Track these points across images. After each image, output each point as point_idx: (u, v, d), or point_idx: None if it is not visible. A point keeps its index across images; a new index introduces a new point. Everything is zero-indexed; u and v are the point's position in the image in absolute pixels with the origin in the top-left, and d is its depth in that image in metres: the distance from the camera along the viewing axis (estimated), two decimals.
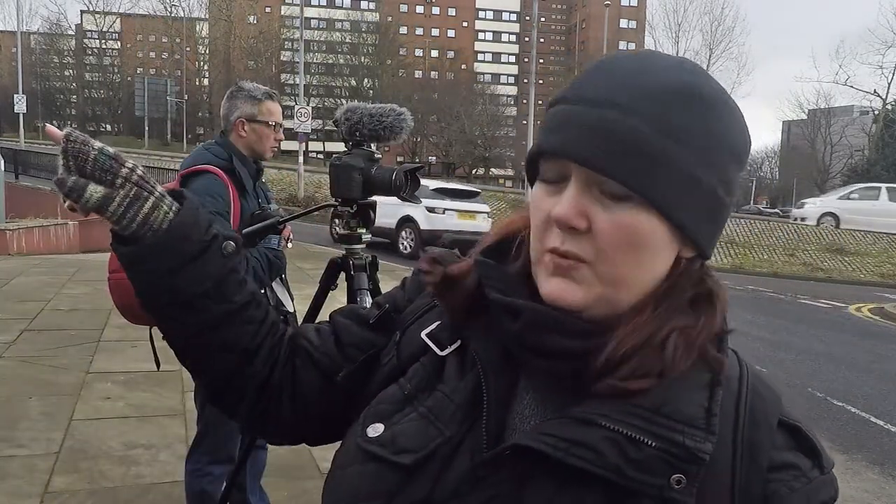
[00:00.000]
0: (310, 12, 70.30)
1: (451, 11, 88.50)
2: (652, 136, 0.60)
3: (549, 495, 0.61)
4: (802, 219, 25.53)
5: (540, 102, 58.31)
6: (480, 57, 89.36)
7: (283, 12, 75.10)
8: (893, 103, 52.90)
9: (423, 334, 0.76)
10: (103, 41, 74.16)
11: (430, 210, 12.99)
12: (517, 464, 0.62)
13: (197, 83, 71.22)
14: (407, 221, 13.34)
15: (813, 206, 26.08)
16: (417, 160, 55.21)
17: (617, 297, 0.65)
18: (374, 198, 2.14)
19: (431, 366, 0.74)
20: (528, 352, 0.66)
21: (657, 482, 0.60)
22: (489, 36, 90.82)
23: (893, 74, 54.07)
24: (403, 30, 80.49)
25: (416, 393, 0.72)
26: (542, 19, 75.86)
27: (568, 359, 0.65)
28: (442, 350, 0.74)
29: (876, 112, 56.96)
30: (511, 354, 0.69)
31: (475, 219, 13.44)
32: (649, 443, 0.60)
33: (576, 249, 0.63)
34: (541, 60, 71.51)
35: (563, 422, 0.63)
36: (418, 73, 76.54)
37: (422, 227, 13.10)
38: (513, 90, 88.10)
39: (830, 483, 0.68)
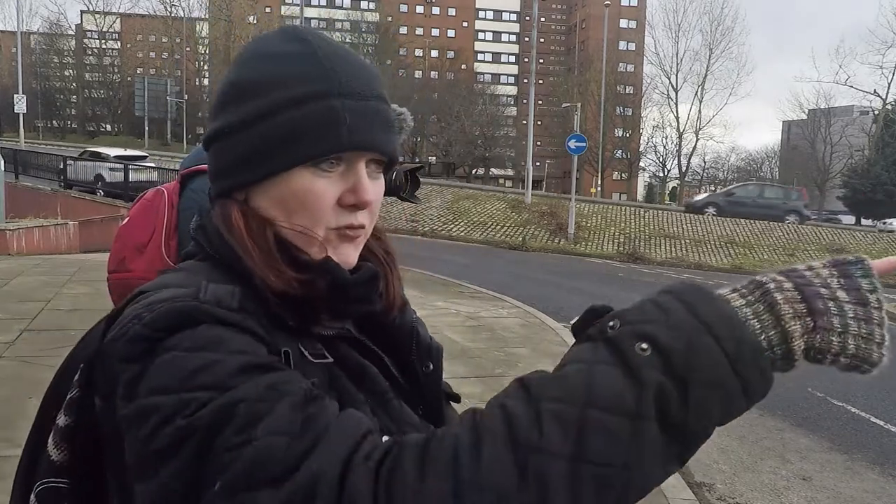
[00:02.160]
0: (310, 12, 70.36)
1: (451, 11, 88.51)
2: (392, 117, 0.78)
3: None
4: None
5: (540, 102, 58.35)
6: (480, 57, 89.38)
7: (283, 12, 75.15)
8: (893, 103, 52.91)
9: (315, 361, 0.72)
10: (103, 41, 74.14)
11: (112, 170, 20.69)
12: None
13: (197, 83, 71.20)
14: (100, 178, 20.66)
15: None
16: (417, 160, 55.22)
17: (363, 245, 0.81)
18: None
19: (340, 372, 0.74)
20: (356, 305, 0.78)
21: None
22: (489, 36, 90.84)
23: (893, 74, 54.09)
24: (403, 30, 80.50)
25: (367, 397, 0.74)
26: (542, 19, 75.87)
27: (376, 299, 0.81)
28: (327, 357, 0.74)
29: (876, 112, 56.95)
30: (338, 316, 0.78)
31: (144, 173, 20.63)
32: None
33: (364, 221, 0.76)
34: (541, 60, 71.50)
35: (420, 334, 0.89)
36: (418, 73, 76.52)
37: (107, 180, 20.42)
38: (513, 90, 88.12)
39: None
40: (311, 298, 0.72)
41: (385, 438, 0.62)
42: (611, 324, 0.61)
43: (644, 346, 0.57)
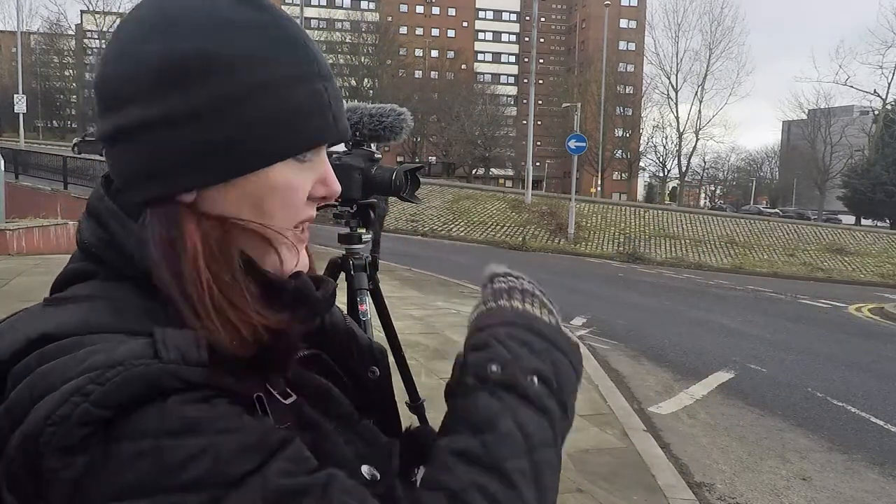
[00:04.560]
0: (310, 12, 70.29)
1: (451, 11, 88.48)
2: None
3: None
4: None
5: (540, 102, 58.31)
6: (480, 57, 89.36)
7: None
8: (893, 103, 52.90)
9: (286, 402, 0.61)
10: (103, 41, 74.17)
11: None
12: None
13: None
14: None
15: None
16: (417, 160, 55.21)
17: None
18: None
19: (305, 407, 0.63)
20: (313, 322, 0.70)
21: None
22: (489, 36, 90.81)
23: (893, 74, 54.11)
24: (403, 30, 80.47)
25: (336, 424, 0.65)
26: (542, 19, 75.87)
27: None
28: (286, 398, 0.62)
29: (876, 112, 56.95)
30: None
31: None
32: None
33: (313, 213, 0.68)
34: (541, 60, 71.53)
35: (359, 336, 0.78)
36: (418, 73, 76.51)
37: None
38: (513, 90, 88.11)
39: None
40: (287, 343, 0.60)
41: (365, 469, 0.61)
42: (493, 368, 0.63)
43: (533, 378, 0.63)
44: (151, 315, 0.56)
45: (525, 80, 67.77)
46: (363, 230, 2.20)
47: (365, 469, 0.61)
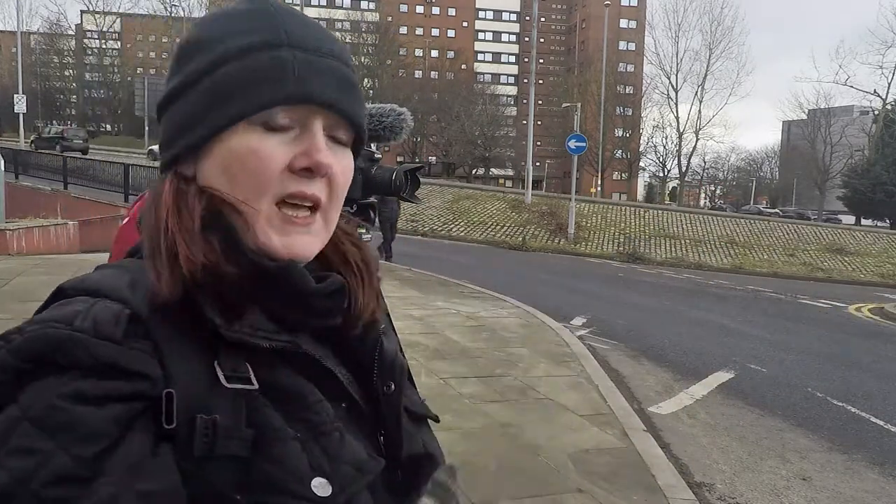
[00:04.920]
0: (310, 12, 70.15)
1: (451, 11, 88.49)
2: (356, 81, 0.70)
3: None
4: None
5: (540, 102, 58.29)
6: (480, 57, 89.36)
7: None
8: (893, 103, 52.89)
9: (229, 385, 0.59)
10: (103, 41, 74.16)
11: None
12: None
13: None
14: None
15: None
16: (417, 160, 55.23)
17: (326, 241, 0.70)
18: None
19: (266, 400, 0.61)
20: (324, 319, 0.69)
21: (394, 336, 0.82)
22: (489, 36, 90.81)
23: (893, 74, 54.13)
24: (403, 30, 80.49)
25: (299, 429, 0.62)
26: (542, 19, 75.84)
27: (340, 313, 0.70)
28: (252, 383, 0.61)
29: (876, 112, 56.93)
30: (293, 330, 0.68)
31: None
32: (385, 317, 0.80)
33: (320, 193, 0.66)
34: (541, 60, 71.50)
35: (382, 342, 0.75)
36: (418, 73, 76.52)
37: None
38: (513, 90, 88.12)
39: None
40: (221, 287, 0.61)
41: (316, 482, 0.58)
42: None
43: None
44: (142, 280, 0.60)
45: (525, 80, 67.77)
46: (363, 230, 2.20)
47: (316, 481, 0.59)
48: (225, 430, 0.57)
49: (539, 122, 54.06)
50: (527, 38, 62.79)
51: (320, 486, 0.59)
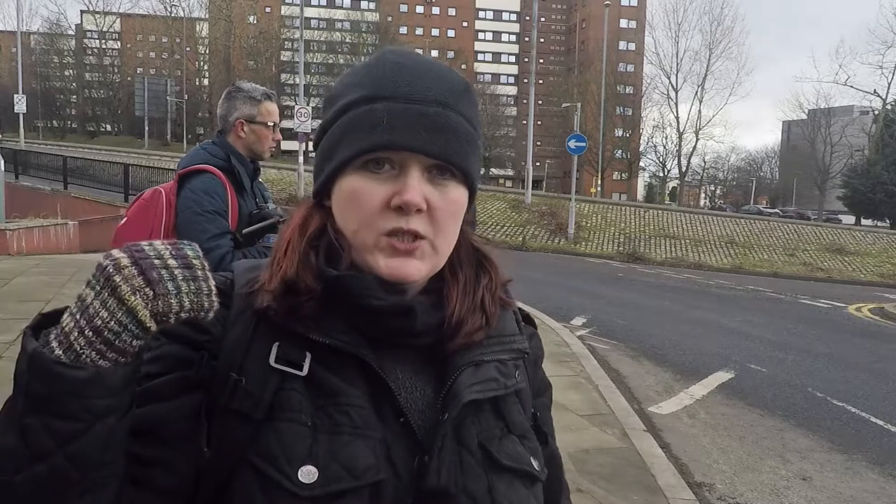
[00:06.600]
0: (310, 12, 70.26)
1: (451, 11, 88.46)
2: (467, 125, 0.77)
3: (472, 424, 0.79)
4: None
5: (540, 102, 58.29)
6: (480, 57, 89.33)
7: (282, 12, 75.06)
8: (893, 103, 52.89)
9: (273, 364, 0.73)
10: (103, 41, 74.11)
11: None
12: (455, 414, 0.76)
13: (197, 83, 71.20)
14: None
15: None
16: None
17: (440, 265, 0.79)
18: None
19: (304, 389, 0.73)
20: (403, 337, 0.78)
21: (512, 381, 0.83)
22: (489, 36, 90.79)
23: (893, 74, 54.06)
24: (403, 30, 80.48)
25: (315, 420, 0.71)
26: (542, 19, 75.86)
27: (431, 333, 0.78)
28: (301, 370, 0.73)
29: (876, 112, 56.93)
30: (373, 343, 0.77)
31: None
32: (507, 359, 0.84)
33: (418, 227, 0.74)
34: (541, 60, 71.51)
35: (467, 371, 0.78)
36: None
37: None
38: (513, 90, 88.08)
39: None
40: (293, 308, 0.75)
41: (305, 469, 0.68)
42: None
43: None
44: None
45: (525, 80, 67.74)
46: None
47: (306, 468, 0.68)
48: (245, 392, 0.72)
49: (539, 122, 54.06)
50: (527, 38, 62.78)
51: (307, 473, 0.68)
